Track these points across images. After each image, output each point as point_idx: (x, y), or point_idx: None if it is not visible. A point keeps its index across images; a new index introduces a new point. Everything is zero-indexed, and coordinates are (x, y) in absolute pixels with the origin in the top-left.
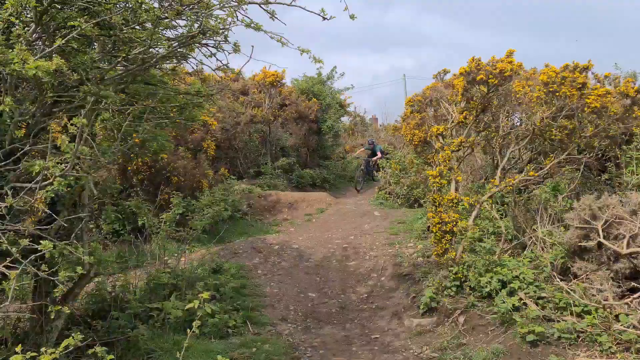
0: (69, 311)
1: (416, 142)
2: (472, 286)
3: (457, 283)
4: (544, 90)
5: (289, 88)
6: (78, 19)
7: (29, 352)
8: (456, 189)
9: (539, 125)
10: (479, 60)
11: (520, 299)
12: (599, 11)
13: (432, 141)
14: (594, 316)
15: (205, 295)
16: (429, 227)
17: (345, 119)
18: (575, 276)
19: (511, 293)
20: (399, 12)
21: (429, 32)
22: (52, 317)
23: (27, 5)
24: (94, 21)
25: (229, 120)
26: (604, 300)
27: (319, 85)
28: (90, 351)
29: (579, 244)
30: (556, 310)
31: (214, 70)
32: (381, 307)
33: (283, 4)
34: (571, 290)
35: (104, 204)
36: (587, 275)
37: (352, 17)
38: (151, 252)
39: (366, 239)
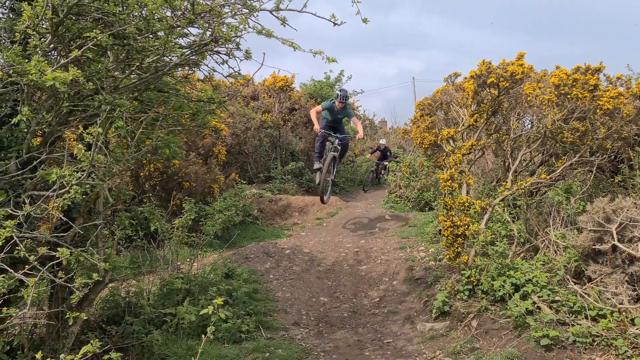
0: (85, 317)
1: (426, 145)
2: (484, 290)
3: (470, 287)
4: (555, 92)
5: (299, 92)
6: (94, 30)
7: (48, 359)
8: (467, 192)
9: (551, 127)
10: (490, 64)
11: (534, 302)
12: (597, 12)
13: (443, 144)
14: (609, 320)
15: (219, 300)
16: (440, 230)
17: None
18: (590, 279)
19: (524, 297)
20: (402, 15)
21: (435, 34)
22: (70, 323)
23: (44, 17)
24: (109, 32)
25: (239, 126)
26: (619, 304)
27: (327, 89)
28: (105, 357)
29: (593, 247)
30: (570, 314)
31: (225, 77)
32: (393, 312)
33: (294, 11)
34: (585, 293)
35: (117, 210)
36: (601, 278)
37: (364, 20)
38: (164, 258)
39: (377, 243)
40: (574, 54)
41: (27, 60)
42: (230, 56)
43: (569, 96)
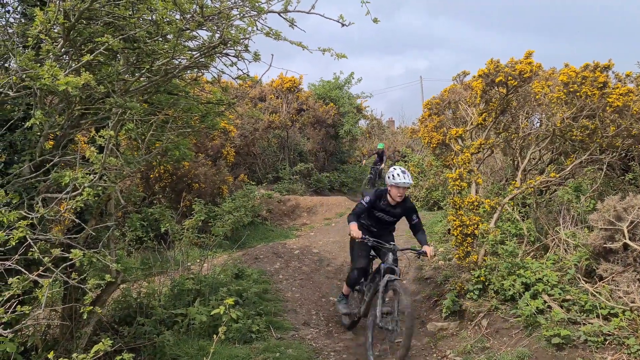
0: (100, 311)
1: (434, 145)
2: (495, 289)
3: (480, 286)
4: (564, 90)
5: (306, 93)
6: (104, 34)
7: (61, 359)
8: (476, 191)
9: (560, 125)
10: (498, 62)
11: (545, 301)
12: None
13: (451, 143)
14: (621, 319)
15: (230, 301)
16: (449, 230)
17: (362, 123)
18: (601, 278)
19: (535, 296)
20: (408, 16)
21: (440, 34)
22: (85, 319)
23: (56, 22)
24: (120, 35)
25: (247, 127)
26: (631, 303)
27: (336, 90)
28: (117, 358)
29: (604, 245)
30: (582, 313)
31: (234, 79)
32: None
33: (301, 12)
34: (597, 292)
35: (128, 212)
36: (612, 277)
37: (375, 20)
38: (174, 259)
39: None
40: (573, 54)
41: (39, 65)
42: (239, 58)
43: (578, 94)
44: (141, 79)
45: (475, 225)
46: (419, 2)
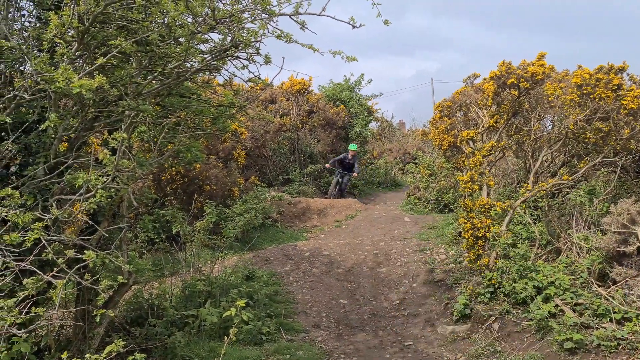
0: (113, 314)
1: (445, 147)
2: (506, 292)
3: (491, 289)
4: (578, 92)
5: (317, 95)
6: (118, 38)
7: (74, 359)
8: (488, 194)
9: (573, 128)
10: (510, 64)
11: (557, 305)
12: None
13: (462, 146)
14: (634, 323)
15: (242, 302)
16: (460, 232)
17: (372, 125)
18: (614, 282)
19: (547, 299)
20: (415, 17)
21: (448, 35)
22: (97, 321)
23: (70, 26)
24: (133, 39)
25: (258, 129)
26: None
27: (346, 92)
28: (129, 358)
29: (617, 249)
30: (594, 317)
31: (245, 82)
32: (414, 314)
33: (312, 15)
34: (610, 296)
35: (140, 214)
36: (626, 281)
37: (386, 22)
38: (185, 260)
39: (397, 245)
40: (575, 53)
41: (54, 68)
42: (251, 61)
43: (591, 96)
44: (153, 81)
45: (487, 228)
46: (422, 3)
